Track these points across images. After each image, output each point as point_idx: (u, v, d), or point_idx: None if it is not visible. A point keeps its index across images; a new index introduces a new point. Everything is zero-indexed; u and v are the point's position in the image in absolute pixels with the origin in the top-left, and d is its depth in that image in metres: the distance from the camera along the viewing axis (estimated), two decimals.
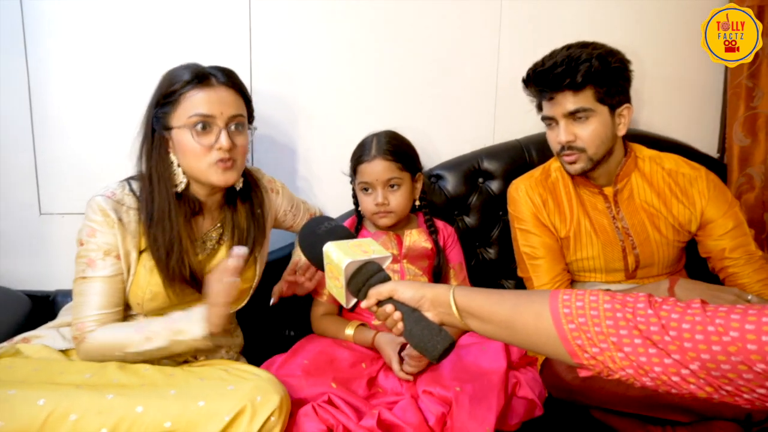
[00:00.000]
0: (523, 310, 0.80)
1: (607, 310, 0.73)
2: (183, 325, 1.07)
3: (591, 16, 1.71)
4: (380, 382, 1.23)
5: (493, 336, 0.85)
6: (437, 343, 0.84)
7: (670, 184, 1.35)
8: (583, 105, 1.23)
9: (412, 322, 0.88)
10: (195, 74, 1.11)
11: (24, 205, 1.52)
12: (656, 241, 1.34)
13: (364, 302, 0.91)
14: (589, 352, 0.73)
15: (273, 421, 0.97)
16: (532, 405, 1.21)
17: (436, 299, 0.88)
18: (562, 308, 0.76)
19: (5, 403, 0.89)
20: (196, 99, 1.10)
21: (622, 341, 0.70)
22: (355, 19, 1.60)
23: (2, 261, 1.53)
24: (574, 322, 0.74)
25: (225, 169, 1.13)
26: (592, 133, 1.25)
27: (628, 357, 0.70)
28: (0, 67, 1.45)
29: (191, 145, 1.10)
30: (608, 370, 0.73)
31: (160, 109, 1.13)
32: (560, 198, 1.39)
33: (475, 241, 1.66)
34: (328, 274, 0.95)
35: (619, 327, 0.71)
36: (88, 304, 1.09)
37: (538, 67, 1.28)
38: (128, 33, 1.49)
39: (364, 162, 1.35)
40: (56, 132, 1.50)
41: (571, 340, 0.74)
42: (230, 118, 1.12)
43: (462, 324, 0.87)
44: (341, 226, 1.02)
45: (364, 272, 0.91)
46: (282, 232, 1.50)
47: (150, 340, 1.07)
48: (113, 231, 1.10)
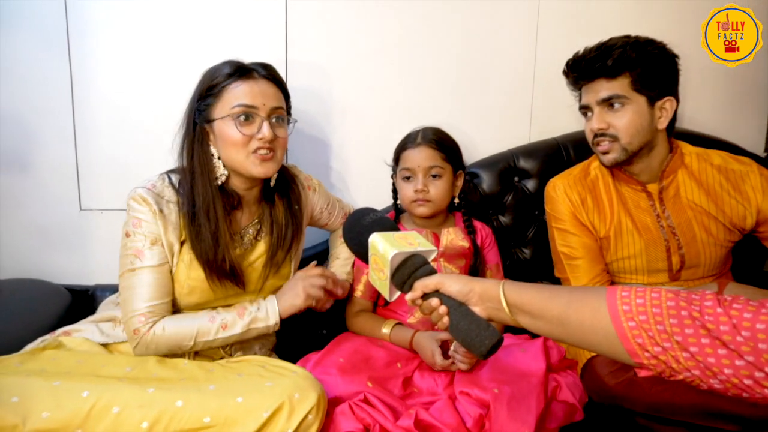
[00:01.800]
0: (578, 306, 0.77)
1: (671, 307, 0.69)
2: (261, 315, 1.15)
3: (631, 11, 1.67)
4: (416, 382, 1.21)
5: (543, 333, 0.83)
6: (485, 338, 0.82)
7: (720, 180, 1.30)
8: (617, 92, 1.21)
9: (459, 316, 0.86)
10: (237, 68, 1.14)
11: (65, 201, 1.56)
12: (703, 241, 1.29)
13: (408, 294, 0.90)
14: (650, 352, 0.70)
15: (310, 420, 0.97)
16: (573, 409, 1.18)
17: (484, 293, 0.86)
18: (621, 305, 0.72)
19: (51, 394, 0.91)
20: (239, 90, 1.12)
21: (688, 340, 0.67)
22: (390, 16, 1.59)
23: (44, 255, 1.57)
24: (635, 320, 0.71)
25: (264, 159, 1.14)
26: (627, 122, 1.22)
27: (694, 357, 0.67)
28: (44, 65, 1.49)
29: (234, 134, 1.11)
30: (671, 370, 0.69)
31: (203, 102, 1.14)
32: (600, 196, 1.35)
33: (510, 240, 1.63)
34: (373, 266, 0.94)
35: (684, 326, 0.68)
36: (139, 296, 1.10)
37: (575, 57, 1.27)
38: (166, 31, 1.51)
39: (409, 149, 1.35)
40: (97, 130, 1.53)
41: (631, 339, 0.71)
42: (272, 110, 1.14)
43: (511, 320, 0.85)
44: (386, 218, 1.01)
45: (409, 264, 0.89)
46: (313, 230, 1.50)
47: (225, 329, 1.12)
48: (156, 221, 1.11)
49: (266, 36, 1.55)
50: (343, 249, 1.44)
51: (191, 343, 1.11)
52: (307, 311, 1.21)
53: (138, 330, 1.09)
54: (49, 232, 1.56)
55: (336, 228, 1.49)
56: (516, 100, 1.69)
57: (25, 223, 1.55)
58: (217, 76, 1.14)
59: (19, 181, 1.53)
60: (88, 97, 1.51)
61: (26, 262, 1.56)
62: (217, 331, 1.12)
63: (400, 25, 1.60)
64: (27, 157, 1.52)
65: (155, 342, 1.09)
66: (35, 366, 1.01)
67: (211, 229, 1.12)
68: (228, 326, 1.12)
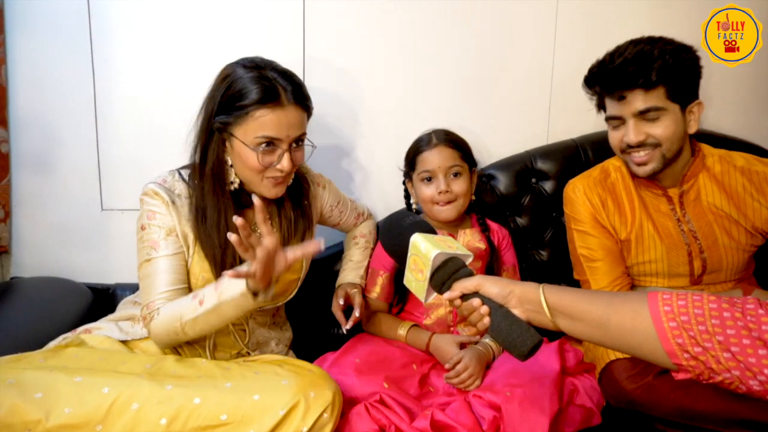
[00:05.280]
0: (619, 308, 0.78)
1: (713, 309, 0.70)
2: (226, 283, 1.03)
3: (651, 12, 1.65)
4: (432, 381, 1.21)
5: (582, 335, 0.83)
6: (527, 339, 0.83)
7: (743, 183, 1.27)
8: (655, 104, 1.17)
9: (500, 317, 0.86)
10: (265, 92, 1.09)
11: (87, 201, 1.58)
12: (725, 246, 1.27)
13: (447, 294, 0.90)
14: (690, 352, 0.71)
15: (326, 418, 0.97)
16: (590, 413, 1.17)
17: (524, 296, 0.87)
18: (663, 306, 0.73)
19: (73, 390, 0.92)
20: (265, 120, 1.09)
21: (729, 341, 0.68)
22: (408, 17, 1.59)
23: (66, 254, 1.60)
24: (676, 320, 0.72)
25: (276, 184, 1.16)
26: (667, 131, 1.19)
27: (735, 357, 0.67)
28: (67, 67, 1.51)
29: (252, 161, 1.11)
30: (710, 371, 0.70)
31: (225, 116, 1.11)
32: (620, 199, 1.33)
33: (527, 242, 1.62)
34: (411, 266, 0.94)
35: (726, 326, 0.68)
36: (157, 284, 1.11)
37: (606, 65, 1.20)
38: (186, 32, 1.53)
39: (425, 151, 1.35)
40: (118, 131, 1.56)
41: (671, 339, 0.72)
42: (294, 139, 1.14)
43: (551, 322, 0.85)
44: (425, 222, 1.01)
45: (450, 266, 0.90)
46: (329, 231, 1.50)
47: (201, 305, 1.04)
48: (170, 212, 1.13)
49: (284, 36, 1.56)
50: (356, 252, 1.45)
51: (179, 324, 1.06)
52: (324, 310, 1.21)
53: (146, 317, 1.10)
54: (70, 231, 1.59)
55: (349, 229, 1.49)
56: (534, 101, 1.68)
57: (48, 222, 1.58)
58: (243, 93, 1.09)
59: (42, 182, 1.56)
60: (110, 98, 1.54)
61: (48, 261, 1.59)
62: (195, 308, 1.04)
63: (417, 25, 1.60)
64: (49, 158, 1.55)
65: (155, 327, 1.09)
66: (58, 362, 1.03)
67: (225, 235, 1.08)
68: (204, 301, 1.04)
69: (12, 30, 1.48)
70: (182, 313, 1.06)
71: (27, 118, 1.53)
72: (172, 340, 1.11)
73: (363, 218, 1.52)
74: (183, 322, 1.06)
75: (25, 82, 1.51)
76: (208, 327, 1.08)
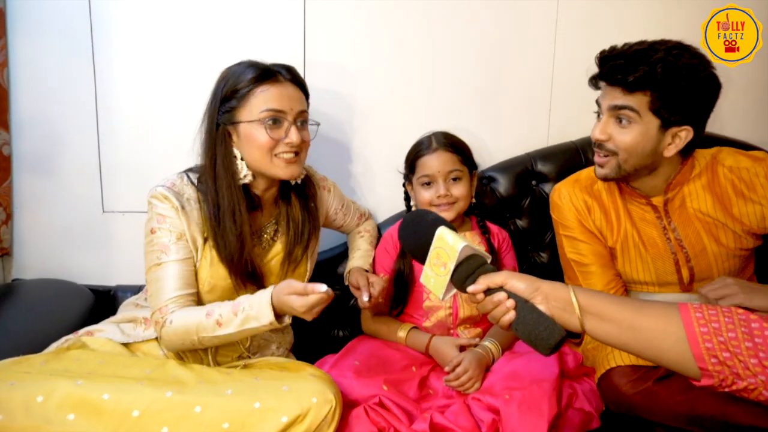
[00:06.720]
0: (650, 312, 0.80)
1: (742, 319, 0.74)
2: (252, 314, 1.04)
3: (651, 13, 1.64)
4: (431, 383, 1.22)
5: (608, 336, 0.84)
6: (554, 332, 0.83)
7: (732, 180, 1.23)
8: (631, 104, 1.12)
9: (526, 311, 0.86)
10: (262, 71, 1.14)
11: (88, 203, 1.59)
12: (714, 253, 1.24)
13: (471, 287, 0.89)
14: (718, 357, 0.73)
15: (326, 423, 0.98)
16: (589, 417, 1.17)
17: (552, 294, 0.87)
18: (695, 312, 0.76)
19: (74, 396, 0.93)
20: (267, 95, 1.13)
21: (758, 347, 0.71)
22: (409, 19, 1.59)
23: (67, 256, 1.60)
24: (707, 326, 0.75)
25: (289, 162, 1.16)
26: (629, 141, 1.14)
27: (761, 363, 0.71)
28: (68, 70, 1.52)
29: (262, 138, 1.13)
30: (734, 377, 0.73)
31: (227, 104, 1.15)
32: (606, 206, 1.30)
33: (527, 245, 1.62)
34: (432, 261, 0.93)
35: (753, 335, 0.72)
36: (166, 288, 1.11)
37: (605, 52, 1.16)
38: (187, 35, 1.53)
39: (425, 155, 1.35)
40: (120, 133, 1.56)
41: (701, 343, 0.74)
42: (298, 114, 1.16)
43: (578, 321, 0.85)
44: (446, 220, 1.01)
45: (474, 260, 0.90)
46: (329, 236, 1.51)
47: (220, 326, 1.05)
48: (179, 216, 1.13)
49: (285, 37, 1.56)
50: (363, 242, 1.46)
51: (195, 338, 1.07)
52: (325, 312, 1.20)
53: (158, 322, 1.10)
54: (72, 233, 1.60)
55: (351, 229, 1.50)
56: (534, 103, 1.68)
57: (49, 224, 1.59)
58: (241, 79, 1.14)
59: (43, 184, 1.57)
60: (112, 100, 1.54)
61: (50, 263, 1.60)
62: (214, 327, 1.06)
63: (418, 27, 1.60)
64: (51, 160, 1.56)
65: (168, 335, 1.09)
66: (59, 366, 1.03)
67: (236, 231, 1.13)
68: (223, 324, 1.05)
69: (14, 33, 1.48)
70: (197, 327, 1.06)
71: (28, 120, 1.53)
72: (186, 348, 1.12)
73: (365, 218, 1.53)
74: (200, 337, 1.07)
75: (26, 84, 1.51)
76: (226, 341, 1.11)
